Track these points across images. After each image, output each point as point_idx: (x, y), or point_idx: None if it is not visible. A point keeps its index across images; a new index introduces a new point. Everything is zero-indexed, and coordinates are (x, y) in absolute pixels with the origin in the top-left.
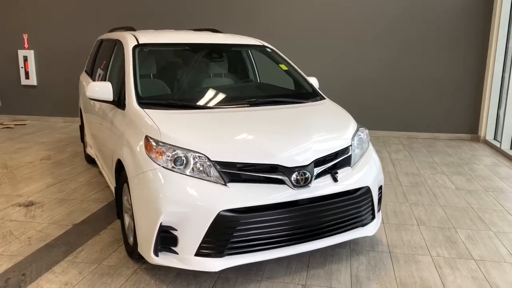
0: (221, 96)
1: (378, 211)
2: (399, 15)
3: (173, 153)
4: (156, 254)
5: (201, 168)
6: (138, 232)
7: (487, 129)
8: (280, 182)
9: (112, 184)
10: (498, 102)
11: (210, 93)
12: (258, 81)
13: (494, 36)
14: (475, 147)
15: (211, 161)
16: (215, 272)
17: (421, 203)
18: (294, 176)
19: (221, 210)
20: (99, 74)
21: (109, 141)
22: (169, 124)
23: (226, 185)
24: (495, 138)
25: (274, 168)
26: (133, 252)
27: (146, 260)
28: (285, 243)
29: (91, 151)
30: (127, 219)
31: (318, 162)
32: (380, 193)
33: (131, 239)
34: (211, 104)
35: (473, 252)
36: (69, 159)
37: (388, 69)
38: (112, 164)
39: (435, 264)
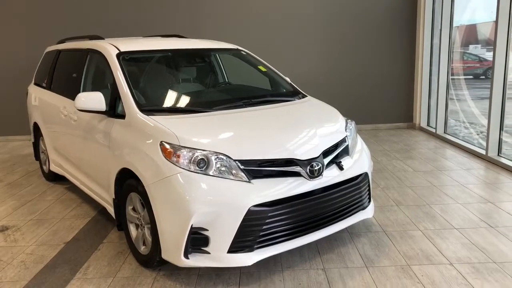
0: (215, 98)
1: None
2: (338, 16)
3: (194, 156)
4: (187, 257)
5: (223, 168)
6: (164, 238)
7: (421, 117)
8: (297, 174)
9: (104, 197)
10: (428, 93)
11: (205, 96)
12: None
13: (420, 34)
14: (413, 134)
15: (234, 160)
16: (237, 269)
17: (391, 186)
18: (308, 168)
19: (251, 205)
20: (66, 86)
21: (102, 152)
22: (182, 128)
23: (250, 182)
24: (428, 125)
25: (290, 162)
26: (150, 260)
27: (162, 267)
28: (305, 232)
29: (57, 168)
30: (133, 230)
31: (324, 154)
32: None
33: (142, 249)
34: (210, 107)
35: (452, 223)
36: (24, 179)
37: (330, 68)
38: (110, 176)
39: (426, 236)
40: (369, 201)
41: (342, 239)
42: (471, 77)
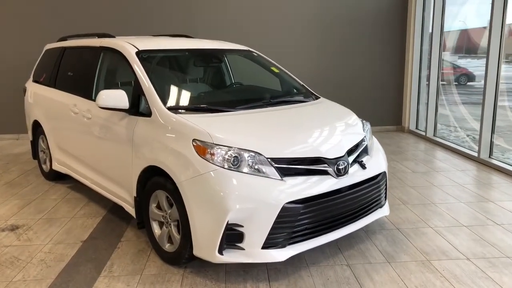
0: (235, 98)
1: None
2: (329, 22)
3: (228, 153)
4: (221, 253)
5: (256, 166)
6: (197, 234)
7: (410, 121)
8: (324, 173)
9: (122, 196)
10: (417, 98)
11: (225, 95)
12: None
13: (410, 42)
14: (403, 137)
15: (266, 158)
16: (263, 265)
17: (394, 187)
18: (336, 166)
19: (285, 202)
20: (77, 83)
21: (123, 150)
22: (213, 126)
23: (282, 179)
24: (417, 128)
25: (318, 161)
26: (178, 257)
27: (187, 264)
28: (332, 228)
29: (61, 167)
30: (156, 227)
31: (348, 153)
32: None
33: (167, 246)
34: (233, 106)
35: (460, 220)
36: (22, 178)
37: (321, 72)
38: (133, 174)
39: (438, 233)
40: (385, 199)
41: (359, 237)
42: (445, 82)
